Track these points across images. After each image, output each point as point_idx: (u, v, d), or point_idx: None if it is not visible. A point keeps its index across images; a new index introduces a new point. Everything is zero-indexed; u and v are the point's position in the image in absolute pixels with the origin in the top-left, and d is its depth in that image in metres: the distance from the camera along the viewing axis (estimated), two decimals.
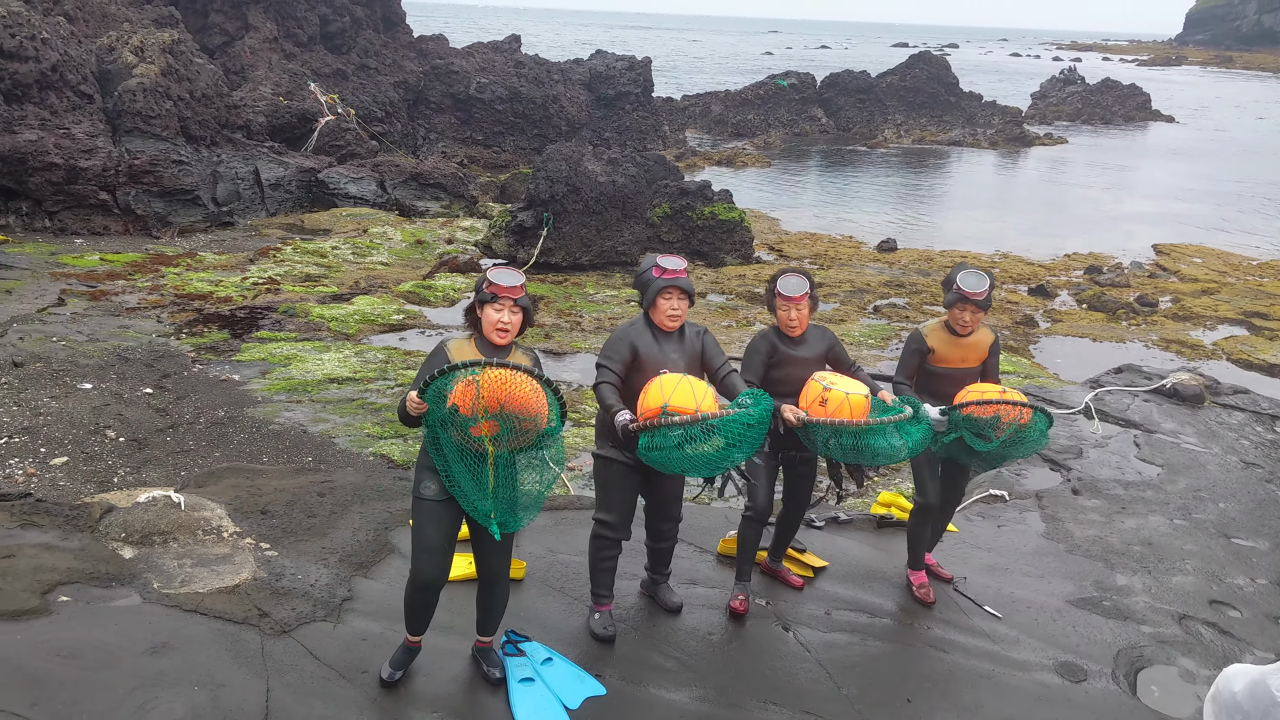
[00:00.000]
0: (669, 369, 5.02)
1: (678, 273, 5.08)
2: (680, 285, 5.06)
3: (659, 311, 5.10)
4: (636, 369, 5.05)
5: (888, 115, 37.08)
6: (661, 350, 5.10)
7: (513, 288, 4.42)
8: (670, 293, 5.06)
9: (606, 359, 5.05)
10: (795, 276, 5.43)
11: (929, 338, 5.75)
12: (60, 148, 15.73)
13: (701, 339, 5.26)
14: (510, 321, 4.44)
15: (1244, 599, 6.40)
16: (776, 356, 5.46)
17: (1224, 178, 30.09)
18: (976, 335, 5.77)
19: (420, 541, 4.51)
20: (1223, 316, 15.20)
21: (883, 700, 5.08)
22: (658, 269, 5.09)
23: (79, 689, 4.38)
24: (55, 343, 10.86)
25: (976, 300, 5.57)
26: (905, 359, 5.81)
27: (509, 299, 4.41)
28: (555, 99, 27.84)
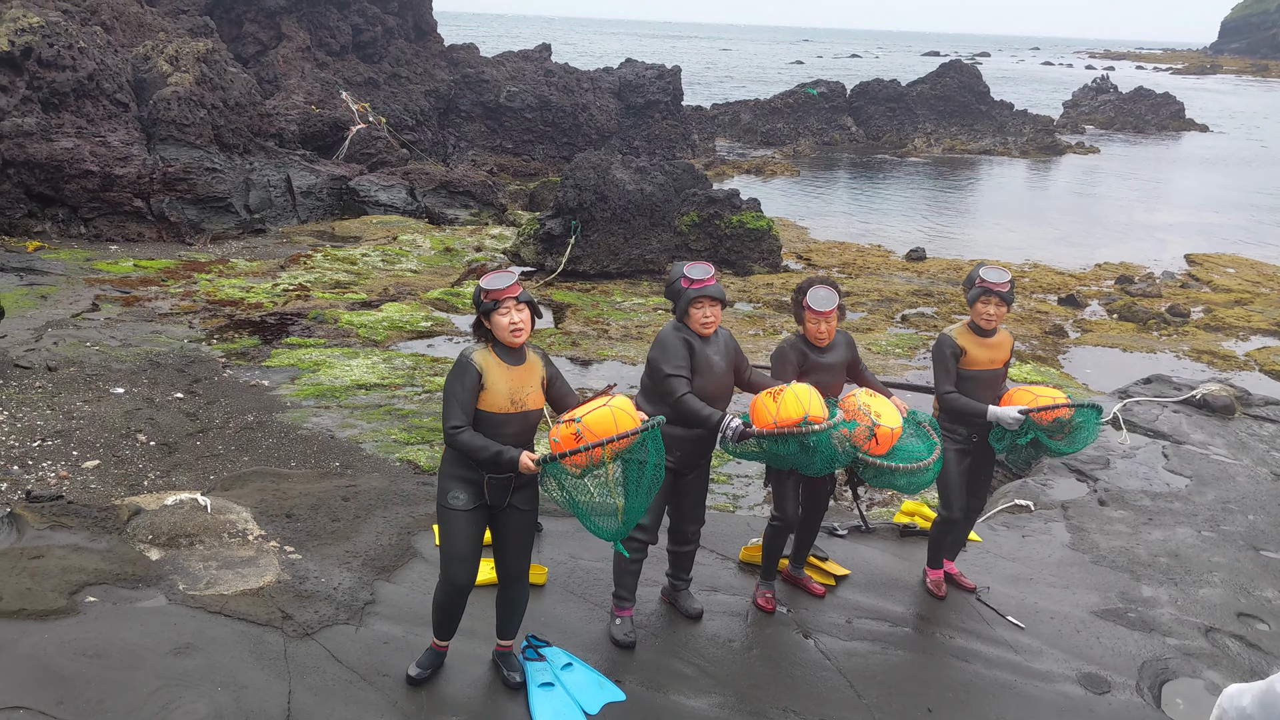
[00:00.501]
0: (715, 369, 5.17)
1: (706, 281, 5.10)
2: (710, 294, 5.10)
3: (693, 320, 5.14)
4: (694, 371, 5.14)
5: (918, 124, 36.95)
6: (705, 353, 5.17)
7: (510, 287, 4.45)
8: (701, 302, 5.10)
9: (676, 368, 5.07)
10: (825, 289, 5.47)
11: (959, 339, 5.76)
12: (96, 155, 15.95)
13: (734, 342, 5.37)
14: (520, 320, 4.47)
15: (1272, 612, 6.33)
16: (806, 364, 5.50)
17: (1259, 188, 29.77)
18: (1000, 335, 5.81)
19: (451, 550, 4.56)
20: (1255, 327, 15.03)
21: (903, 710, 5.06)
22: (686, 279, 5.12)
23: (104, 688, 4.44)
24: (89, 347, 11.01)
25: (1000, 292, 5.60)
26: (944, 365, 5.77)
27: (510, 299, 4.44)
28: (585, 107, 27.94)
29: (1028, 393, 5.75)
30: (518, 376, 4.51)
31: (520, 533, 4.70)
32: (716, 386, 5.21)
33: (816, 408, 4.93)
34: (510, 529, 4.67)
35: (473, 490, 4.50)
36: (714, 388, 5.19)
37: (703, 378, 5.14)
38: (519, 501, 4.61)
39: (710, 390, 5.17)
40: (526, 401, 4.51)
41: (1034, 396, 5.68)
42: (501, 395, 4.45)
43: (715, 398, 5.19)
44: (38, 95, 16.04)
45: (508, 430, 4.46)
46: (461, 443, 4.36)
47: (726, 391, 5.31)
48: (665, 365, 5.08)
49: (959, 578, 6.23)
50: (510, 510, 4.61)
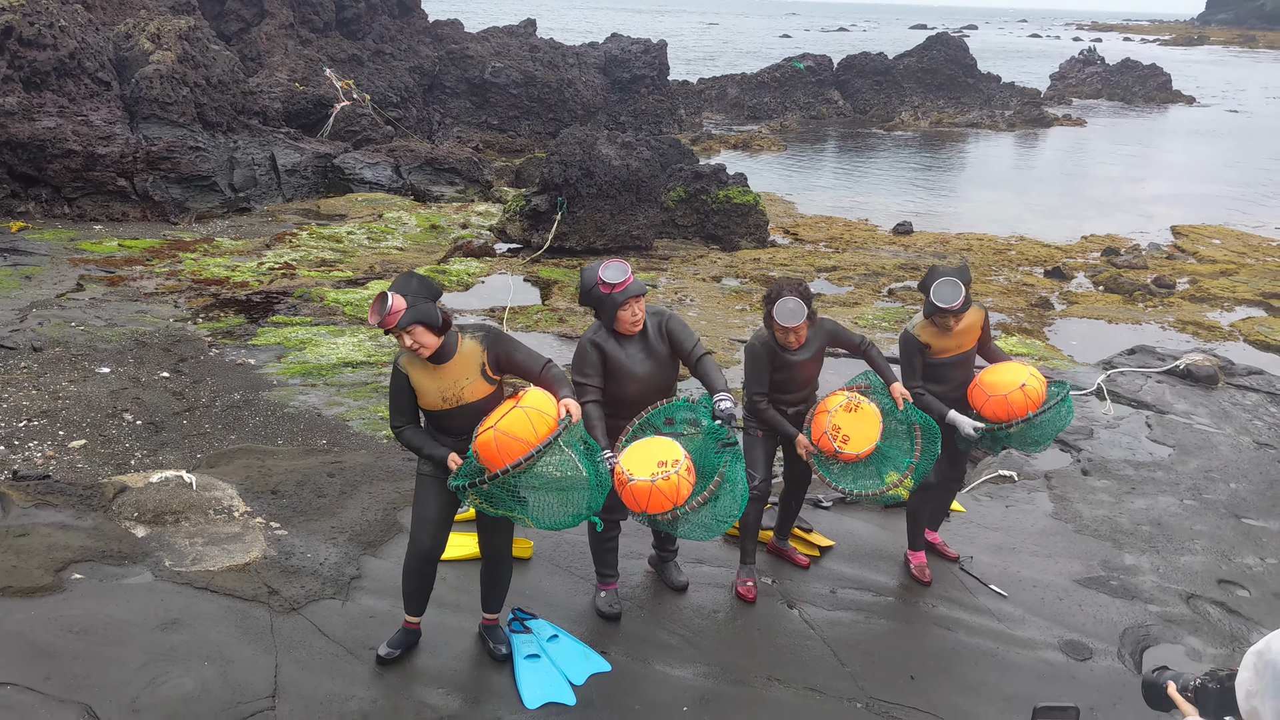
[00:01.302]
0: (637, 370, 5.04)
1: (626, 282, 4.97)
2: (633, 293, 4.98)
3: (622, 324, 5.03)
4: (609, 376, 5.06)
5: (905, 97, 36.87)
6: (628, 354, 5.06)
7: (385, 319, 4.33)
8: (627, 303, 4.99)
9: (585, 376, 5.01)
10: (793, 301, 5.31)
11: (921, 335, 5.72)
12: (78, 135, 15.84)
13: (667, 330, 5.17)
14: (414, 342, 4.39)
15: (1253, 578, 6.40)
16: (778, 363, 5.46)
17: (1245, 159, 29.83)
18: (966, 318, 5.73)
19: (418, 514, 4.62)
20: (1240, 298, 15.09)
21: (886, 677, 5.12)
22: (604, 285, 4.96)
23: (91, 663, 4.46)
24: (74, 328, 10.97)
25: (953, 311, 5.53)
26: (910, 362, 5.75)
27: (393, 329, 4.34)
28: (570, 83, 27.82)
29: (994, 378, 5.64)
30: (446, 374, 4.50)
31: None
32: (639, 389, 5.07)
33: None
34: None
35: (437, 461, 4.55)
36: (635, 391, 5.06)
37: (620, 383, 5.04)
38: None
39: (631, 394, 5.05)
40: (462, 395, 4.49)
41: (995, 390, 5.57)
42: (431, 394, 4.51)
43: (639, 400, 5.05)
44: (19, 75, 15.90)
45: (453, 423, 4.52)
46: (404, 440, 4.60)
47: (657, 388, 5.13)
48: (575, 373, 5.07)
49: (942, 547, 6.28)
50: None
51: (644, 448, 4.67)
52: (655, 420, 4.98)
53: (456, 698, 4.66)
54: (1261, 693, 2.34)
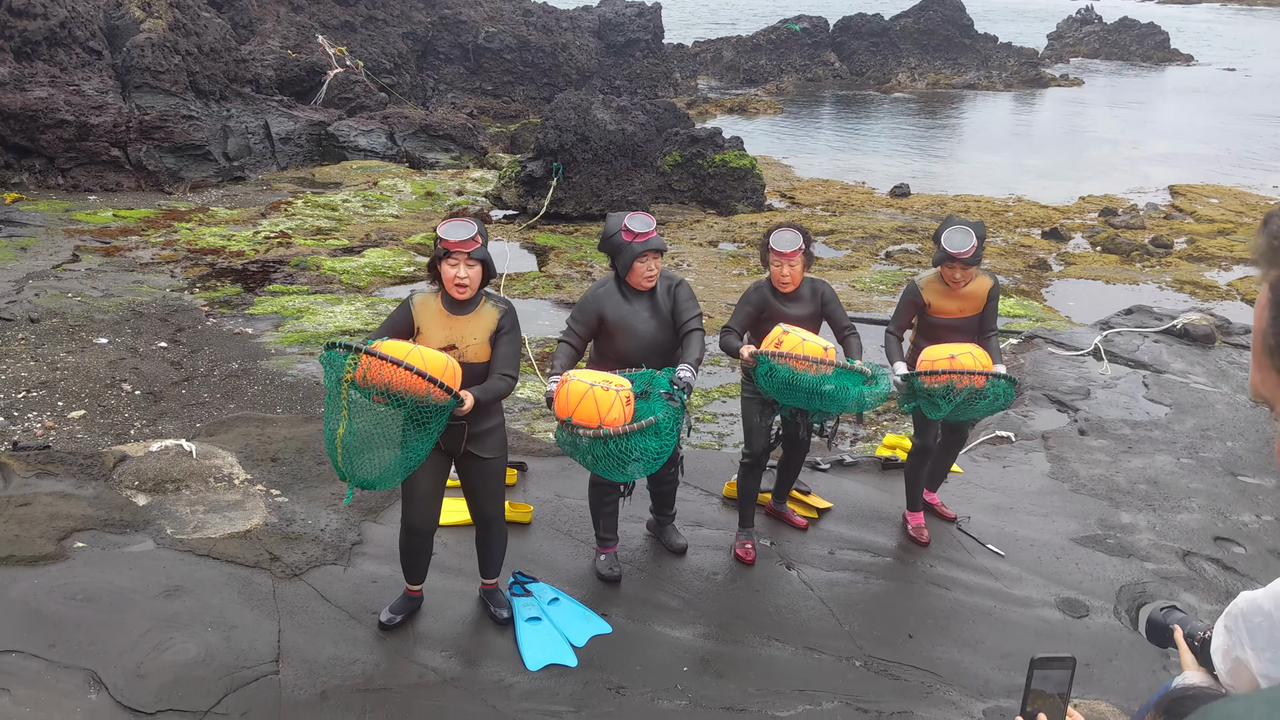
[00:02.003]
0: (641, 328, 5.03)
1: (649, 233, 4.98)
2: (655, 246, 4.98)
3: (636, 275, 5.03)
4: (605, 333, 5.07)
5: (902, 59, 36.62)
6: (633, 310, 5.07)
7: (464, 241, 4.34)
8: (646, 256, 4.99)
9: (574, 320, 5.06)
10: (789, 231, 5.33)
11: (925, 291, 5.69)
12: (71, 104, 15.74)
13: (674, 294, 5.16)
14: (467, 276, 4.39)
15: (1249, 535, 6.44)
16: (767, 311, 5.41)
17: (1243, 118, 29.70)
18: (973, 285, 5.68)
19: (408, 492, 4.59)
20: (1238, 257, 15.08)
21: (884, 636, 5.16)
22: (627, 233, 4.98)
23: (95, 631, 4.50)
24: (70, 299, 10.96)
25: (963, 259, 5.46)
26: (900, 310, 5.77)
27: (462, 253, 4.35)
28: (564, 47, 27.62)
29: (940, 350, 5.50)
30: (459, 325, 4.47)
31: (484, 479, 4.70)
32: (642, 347, 5.07)
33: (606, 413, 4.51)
34: (473, 475, 4.68)
35: None
36: (638, 349, 5.07)
37: (624, 339, 5.04)
38: (477, 449, 4.60)
39: (633, 351, 5.06)
40: (465, 353, 4.45)
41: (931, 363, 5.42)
42: (435, 340, 4.44)
43: (641, 358, 5.06)
44: (9, 44, 15.79)
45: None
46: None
47: (659, 349, 5.13)
48: (570, 316, 5.11)
49: (940, 508, 6.31)
50: (468, 457, 4.61)
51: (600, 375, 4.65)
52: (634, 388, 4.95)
53: (459, 660, 4.70)
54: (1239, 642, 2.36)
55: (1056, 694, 2.18)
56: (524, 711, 4.44)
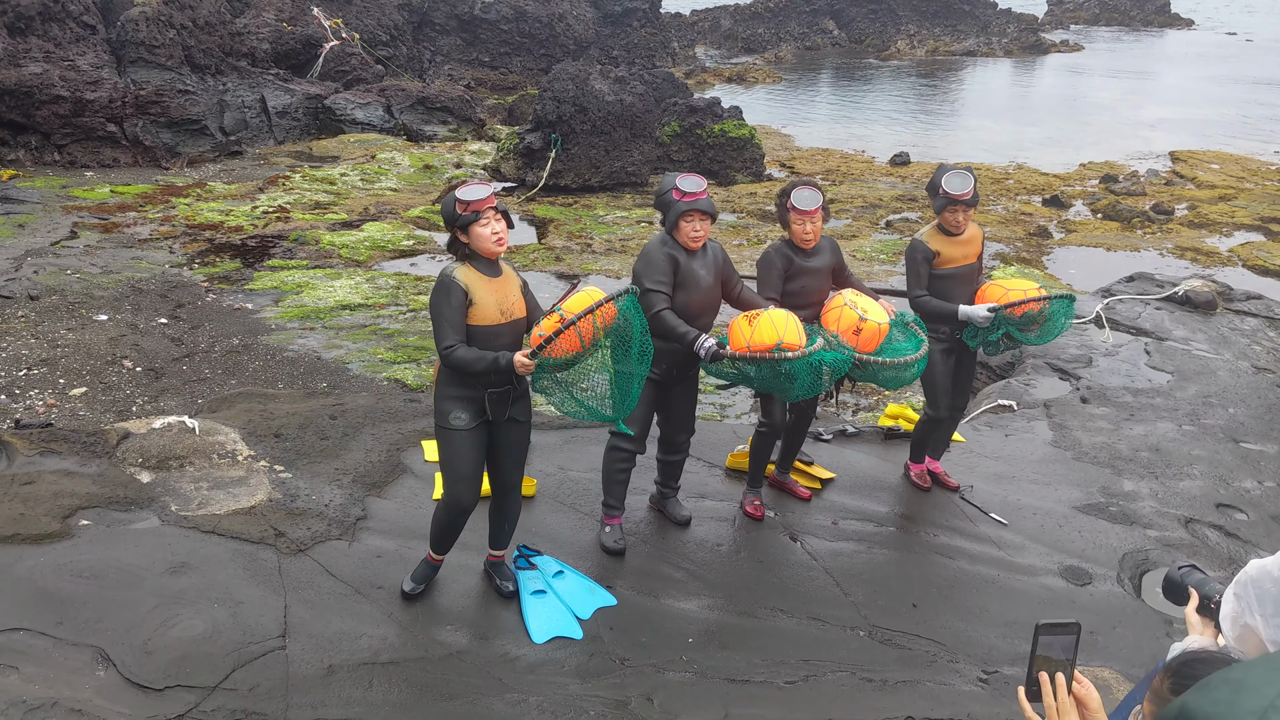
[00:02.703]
0: (702, 284, 5.12)
1: (698, 194, 5.05)
2: (701, 208, 5.04)
3: (682, 234, 5.09)
4: (679, 285, 5.10)
5: (900, 25, 36.40)
6: (692, 265, 5.13)
7: (488, 198, 4.42)
8: (692, 215, 5.04)
9: (656, 283, 5.03)
10: (809, 189, 5.42)
11: (930, 243, 5.75)
12: (66, 80, 15.66)
13: (723, 255, 5.30)
14: (501, 229, 4.47)
15: (1251, 502, 6.45)
16: (792, 269, 5.47)
17: (1244, 82, 29.54)
18: (970, 230, 5.80)
19: (456, 470, 4.59)
20: (1239, 223, 15.04)
21: (889, 606, 5.18)
22: (678, 191, 5.05)
23: (102, 608, 4.51)
24: (69, 275, 10.94)
25: (965, 200, 5.57)
26: (916, 271, 5.79)
27: (489, 209, 4.42)
28: (561, 17, 27.44)
29: (999, 287, 5.78)
30: (501, 287, 4.52)
31: (517, 445, 4.77)
32: (701, 302, 5.18)
33: (792, 335, 4.87)
34: (508, 442, 4.71)
35: (474, 408, 4.52)
36: (699, 303, 5.16)
37: (686, 293, 5.11)
38: (517, 413, 4.67)
39: (695, 306, 5.14)
40: (514, 310, 4.54)
41: (1005, 291, 5.70)
42: (490, 308, 4.46)
43: (700, 313, 5.17)
44: (3, 20, 15.68)
45: (501, 343, 4.49)
46: (457, 359, 4.37)
47: (713, 306, 5.27)
48: (646, 279, 5.05)
49: (943, 477, 6.32)
50: (509, 423, 4.66)
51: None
52: None
53: (465, 634, 4.71)
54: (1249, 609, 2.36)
55: (1062, 660, 2.19)
56: (530, 684, 4.45)
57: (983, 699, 4.61)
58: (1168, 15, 45.79)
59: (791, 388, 4.92)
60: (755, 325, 4.92)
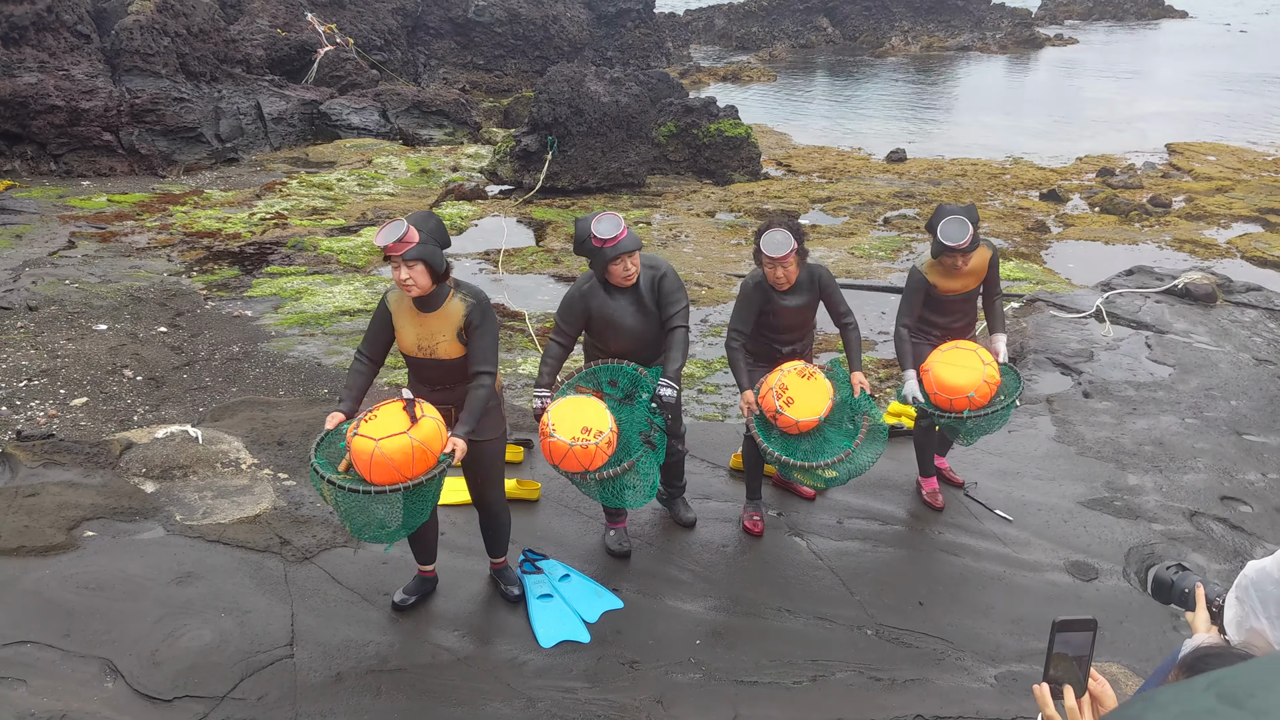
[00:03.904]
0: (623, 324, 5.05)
1: (619, 237, 4.92)
2: (625, 250, 4.93)
3: (614, 277, 5.01)
4: (593, 330, 5.11)
5: (895, 22, 36.39)
6: (617, 306, 5.07)
7: (394, 244, 4.27)
8: (620, 259, 4.95)
9: (563, 322, 5.10)
10: (780, 233, 5.23)
11: (929, 274, 5.69)
12: (61, 89, 15.63)
13: (659, 286, 5.11)
14: (409, 277, 4.30)
15: (1255, 494, 6.45)
16: (769, 306, 5.41)
17: (1239, 73, 29.55)
18: (974, 259, 5.67)
19: None
20: (1237, 214, 15.03)
21: (895, 604, 5.17)
22: (596, 240, 4.92)
23: (109, 619, 4.50)
24: (68, 285, 10.92)
25: (961, 249, 5.46)
26: (909, 299, 5.72)
27: (396, 257, 4.28)
28: (555, 19, 27.43)
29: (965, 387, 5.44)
30: (428, 323, 4.46)
31: (481, 462, 4.67)
32: (631, 341, 5.09)
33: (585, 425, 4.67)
34: (470, 459, 4.60)
35: None
36: (627, 343, 5.08)
37: (611, 335, 5.06)
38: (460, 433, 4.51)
39: (620, 346, 5.09)
40: (436, 350, 4.48)
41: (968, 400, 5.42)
42: (408, 339, 4.51)
43: (627, 353, 5.09)
44: None
45: (425, 374, 4.55)
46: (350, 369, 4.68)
47: (646, 341, 5.14)
48: (557, 316, 5.16)
49: (948, 473, 6.32)
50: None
51: (577, 408, 4.69)
52: (600, 376, 5.03)
53: (472, 640, 4.71)
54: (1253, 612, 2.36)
55: (1079, 656, 2.19)
56: (538, 688, 4.45)
57: (991, 696, 4.61)
58: (1162, 7, 45.80)
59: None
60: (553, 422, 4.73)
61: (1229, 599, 2.46)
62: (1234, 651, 2.10)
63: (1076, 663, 2.17)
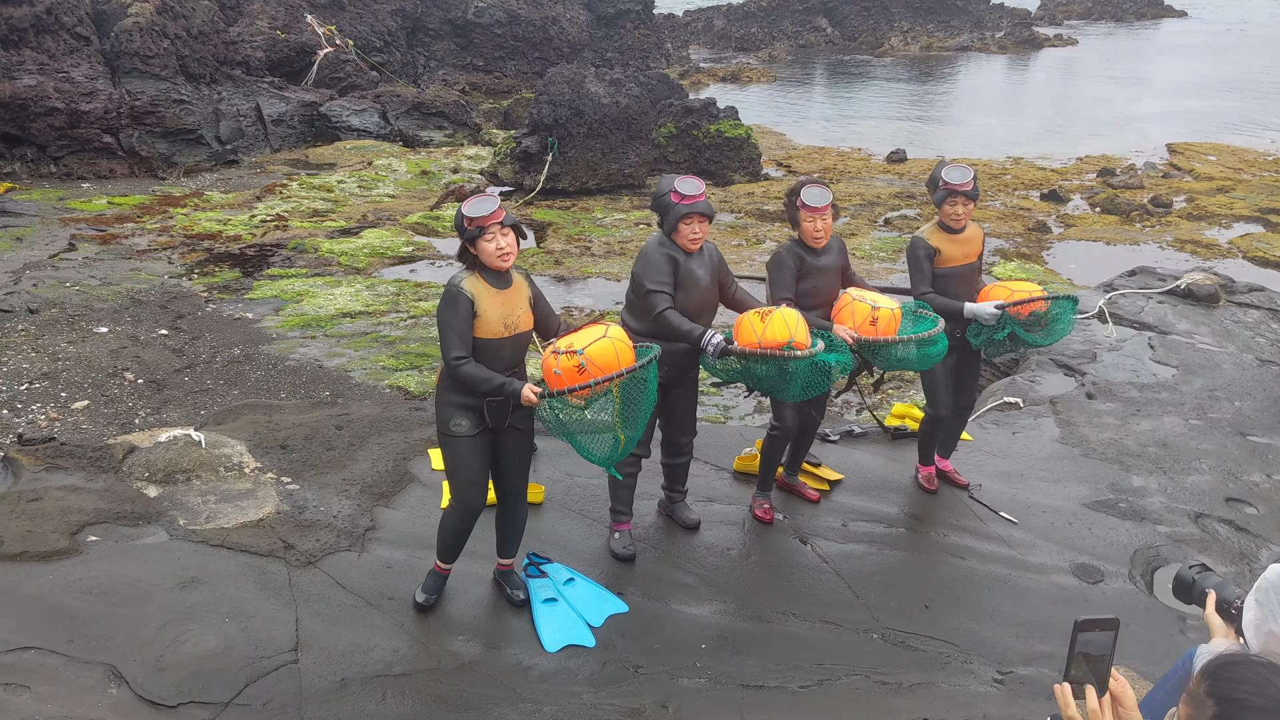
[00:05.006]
0: (701, 284, 5.14)
1: (697, 197, 5.06)
2: (700, 210, 5.05)
3: (681, 236, 5.09)
4: (678, 286, 5.10)
5: (894, 22, 36.39)
6: (691, 266, 5.14)
7: (494, 213, 4.40)
8: (691, 218, 5.05)
9: (658, 284, 5.05)
10: (818, 187, 5.43)
11: (930, 239, 5.76)
12: (61, 92, 15.62)
13: (719, 256, 5.34)
14: (507, 244, 4.45)
15: (1260, 495, 6.44)
16: (804, 268, 5.46)
17: (1239, 73, 29.55)
18: (970, 229, 5.81)
19: (462, 476, 4.60)
20: (1238, 214, 15.04)
21: (901, 607, 5.16)
22: (676, 194, 5.06)
23: (113, 625, 4.48)
24: (69, 288, 10.91)
25: (965, 191, 5.59)
26: (919, 267, 5.80)
27: (495, 224, 4.40)
28: (555, 20, 27.42)
29: (1004, 288, 5.81)
30: (508, 300, 4.51)
31: (519, 451, 4.76)
32: (700, 302, 5.19)
33: (802, 334, 4.92)
34: (510, 449, 4.71)
35: (474, 415, 4.54)
36: (698, 303, 5.17)
37: (686, 293, 5.12)
38: (517, 421, 4.65)
39: (694, 306, 5.15)
40: (519, 324, 4.55)
41: (1010, 291, 5.73)
42: (495, 320, 4.46)
43: (699, 313, 5.18)
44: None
45: (503, 354, 4.51)
46: (464, 375, 4.40)
47: (711, 307, 5.29)
48: (648, 280, 5.06)
49: (952, 475, 6.31)
50: (509, 430, 4.64)
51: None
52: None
53: (477, 644, 4.69)
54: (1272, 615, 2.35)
55: (1101, 656, 2.17)
56: (543, 693, 4.43)
57: (998, 700, 4.59)
58: (1161, 7, 45.81)
59: (787, 387, 4.95)
60: (768, 322, 4.94)
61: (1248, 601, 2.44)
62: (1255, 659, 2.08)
63: (1098, 662, 2.16)
